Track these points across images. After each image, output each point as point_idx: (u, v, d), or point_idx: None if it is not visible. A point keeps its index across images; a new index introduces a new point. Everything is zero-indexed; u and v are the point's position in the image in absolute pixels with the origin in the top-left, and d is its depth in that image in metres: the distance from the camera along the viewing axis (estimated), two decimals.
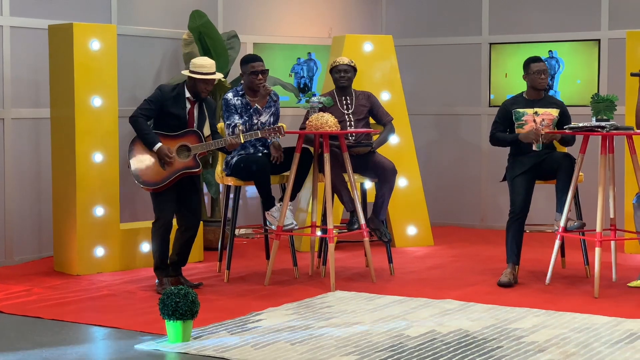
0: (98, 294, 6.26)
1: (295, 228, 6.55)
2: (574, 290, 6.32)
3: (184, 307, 4.92)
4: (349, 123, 6.87)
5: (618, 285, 6.47)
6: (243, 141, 6.31)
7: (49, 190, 7.27)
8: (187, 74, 6.27)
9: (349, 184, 6.64)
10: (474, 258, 7.65)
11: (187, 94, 6.29)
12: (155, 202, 6.31)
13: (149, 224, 6.52)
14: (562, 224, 6.35)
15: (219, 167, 6.83)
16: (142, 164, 6.21)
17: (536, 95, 6.71)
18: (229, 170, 6.64)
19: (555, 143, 6.75)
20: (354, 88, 7.03)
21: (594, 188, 6.47)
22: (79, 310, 5.81)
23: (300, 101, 8.57)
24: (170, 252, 6.38)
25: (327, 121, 6.39)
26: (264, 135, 6.36)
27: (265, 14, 9.05)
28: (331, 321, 5.43)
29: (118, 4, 7.91)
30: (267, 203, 6.54)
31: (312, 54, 9.24)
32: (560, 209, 6.43)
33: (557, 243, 6.42)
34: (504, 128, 6.75)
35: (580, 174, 6.42)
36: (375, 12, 9.82)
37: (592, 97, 6.27)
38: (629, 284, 6.44)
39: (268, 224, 6.64)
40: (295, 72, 9.20)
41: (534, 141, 6.50)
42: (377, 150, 6.93)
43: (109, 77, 7.03)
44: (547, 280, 6.48)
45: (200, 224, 7.38)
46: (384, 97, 8.07)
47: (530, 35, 9.10)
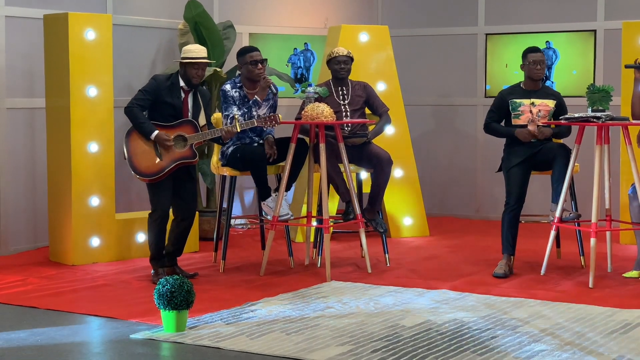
0: (93, 284, 6.26)
1: (291, 218, 6.55)
2: (569, 281, 6.33)
3: (179, 297, 4.92)
4: (344, 113, 6.87)
5: (613, 276, 6.48)
6: (239, 130, 6.30)
7: (44, 180, 7.26)
8: (178, 61, 6.28)
9: (344, 174, 6.64)
10: (470, 249, 7.66)
11: (182, 83, 6.29)
12: (151, 193, 6.30)
13: (144, 214, 6.51)
14: (558, 214, 6.35)
15: (215, 157, 6.82)
16: (139, 154, 6.20)
17: (533, 86, 6.70)
18: (225, 160, 6.64)
19: None
20: (350, 78, 7.02)
21: (589, 179, 6.47)
22: (75, 300, 5.81)
23: (297, 91, 8.57)
24: (166, 243, 6.38)
25: (323, 111, 6.38)
26: (259, 124, 6.35)
27: (261, 4, 9.03)
28: (327, 311, 5.44)
29: None
30: (263, 193, 6.54)
31: (308, 44, 9.23)
32: (555, 199, 6.44)
33: (553, 234, 6.42)
34: (499, 117, 6.75)
35: (576, 164, 6.42)
36: (371, 3, 9.81)
37: (588, 88, 6.27)
38: (624, 275, 6.45)
39: (264, 214, 6.64)
40: (292, 63, 9.19)
41: (528, 140, 6.51)
42: (373, 140, 6.92)
43: (104, 67, 7.01)
44: (543, 270, 6.49)
45: (196, 214, 7.39)
46: (380, 88, 8.06)
47: (526, 26, 9.08)
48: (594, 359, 4.50)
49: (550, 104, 6.64)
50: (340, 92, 6.92)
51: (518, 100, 6.65)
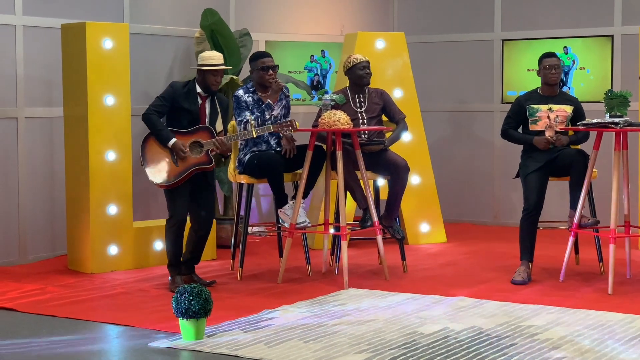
0: (112, 292, 6.28)
1: (308, 226, 6.55)
2: (588, 287, 6.30)
3: (197, 306, 4.92)
4: (361, 121, 6.86)
5: (632, 282, 6.44)
6: (255, 135, 6.31)
7: (63, 188, 7.29)
8: (196, 67, 6.29)
9: (361, 181, 6.63)
10: (487, 255, 7.64)
11: (199, 90, 6.31)
12: (168, 200, 6.32)
13: (162, 222, 6.53)
14: (576, 220, 6.33)
15: (232, 165, 6.83)
16: (155, 161, 6.22)
17: (551, 92, 6.68)
18: (242, 167, 6.65)
19: None
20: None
21: (607, 184, 6.44)
22: (93, 308, 5.83)
23: (313, 99, 8.58)
24: (184, 250, 6.39)
25: (340, 119, 6.37)
26: (276, 130, 6.36)
27: (277, 12, 9.05)
28: (344, 319, 5.43)
29: (130, 3, 7.93)
30: (280, 201, 6.54)
31: (325, 51, 9.24)
32: (573, 205, 6.41)
33: (571, 240, 6.40)
34: (517, 123, 6.73)
35: (594, 170, 6.40)
36: (387, 9, 9.81)
37: (606, 93, 6.25)
38: None
39: (281, 221, 6.64)
40: (310, 70, 9.20)
41: (546, 147, 6.49)
42: (390, 147, 6.92)
43: (121, 76, 7.04)
44: (561, 277, 6.46)
45: (214, 221, 7.41)
46: (397, 95, 8.06)
47: (542, 32, 9.07)
48: None
49: (568, 109, 6.62)
50: (358, 100, 6.92)
51: (535, 106, 6.63)
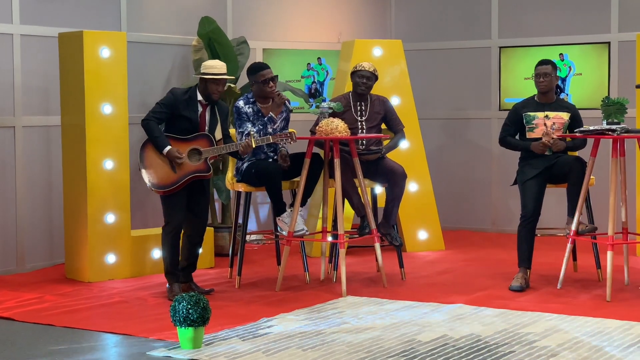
0: (109, 301, 6.27)
1: (306, 233, 6.55)
2: (586, 294, 6.30)
3: (195, 314, 4.92)
4: (360, 130, 6.86)
5: (630, 289, 6.45)
6: (254, 145, 6.31)
7: (60, 197, 7.29)
8: (199, 75, 6.29)
9: (359, 188, 6.64)
10: (485, 262, 7.64)
11: (199, 97, 6.31)
12: (165, 206, 6.32)
13: (159, 231, 6.52)
14: (574, 227, 6.34)
15: (230, 173, 6.83)
16: (153, 166, 6.23)
17: (547, 99, 6.69)
18: (240, 176, 6.65)
19: None
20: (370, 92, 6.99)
21: (605, 191, 6.45)
22: (91, 317, 5.82)
23: (311, 107, 8.59)
24: (180, 258, 6.39)
25: (337, 126, 6.38)
26: (275, 141, 6.37)
27: (275, 20, 9.06)
28: (343, 327, 5.43)
29: (128, 11, 7.94)
30: (278, 209, 6.54)
31: (323, 59, 9.24)
32: (571, 212, 6.42)
33: (569, 247, 6.40)
34: (514, 131, 6.74)
35: (592, 177, 6.40)
36: (385, 17, 9.82)
37: (603, 100, 6.25)
38: None
39: (279, 229, 6.64)
40: (307, 77, 9.21)
41: (544, 152, 6.50)
42: (387, 155, 6.92)
43: (119, 84, 7.04)
44: (559, 284, 6.47)
45: (211, 230, 7.40)
46: (394, 102, 8.06)
47: (539, 39, 9.08)
48: None
49: (565, 116, 6.63)
50: (359, 108, 6.91)
51: (532, 114, 6.64)
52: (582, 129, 6.32)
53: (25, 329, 5.56)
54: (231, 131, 6.83)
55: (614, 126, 6.11)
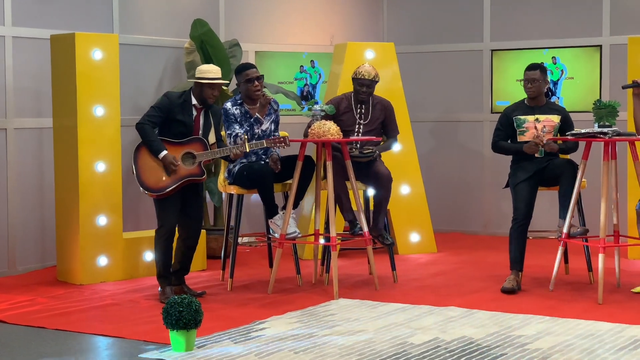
0: (101, 304, 6.26)
1: (299, 236, 6.55)
2: (577, 297, 6.31)
3: (187, 317, 4.91)
4: (356, 133, 6.86)
5: (622, 291, 6.46)
6: (248, 150, 6.31)
7: (52, 199, 7.27)
8: (194, 80, 6.29)
9: (351, 191, 6.64)
10: (478, 265, 7.65)
11: (194, 101, 6.31)
12: (158, 209, 6.31)
13: (152, 233, 6.52)
14: (565, 230, 6.35)
15: (222, 176, 6.83)
16: (147, 170, 6.22)
17: (537, 102, 6.71)
18: (232, 178, 6.64)
19: None
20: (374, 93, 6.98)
21: (596, 194, 6.47)
22: (83, 319, 5.81)
23: (303, 109, 8.59)
24: (173, 261, 6.38)
25: (330, 129, 6.38)
26: (269, 145, 6.37)
27: (267, 22, 9.06)
28: (335, 329, 5.43)
29: (120, 13, 7.93)
30: (270, 211, 6.54)
31: (315, 61, 9.25)
32: (563, 215, 6.43)
33: (561, 249, 6.41)
34: (506, 135, 6.75)
35: (583, 180, 6.42)
36: (377, 20, 9.83)
37: (594, 103, 6.27)
38: (633, 290, 6.43)
39: (271, 232, 6.64)
40: (300, 80, 9.21)
41: (536, 152, 6.52)
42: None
43: (111, 87, 7.04)
44: (551, 286, 6.48)
45: (203, 232, 7.39)
46: None
47: (531, 42, 9.10)
48: None
49: (555, 119, 6.64)
50: (360, 110, 6.91)
51: (522, 117, 6.66)
52: (574, 132, 6.34)
53: (17, 331, 5.55)
54: (223, 134, 6.83)
55: (605, 129, 6.13)
